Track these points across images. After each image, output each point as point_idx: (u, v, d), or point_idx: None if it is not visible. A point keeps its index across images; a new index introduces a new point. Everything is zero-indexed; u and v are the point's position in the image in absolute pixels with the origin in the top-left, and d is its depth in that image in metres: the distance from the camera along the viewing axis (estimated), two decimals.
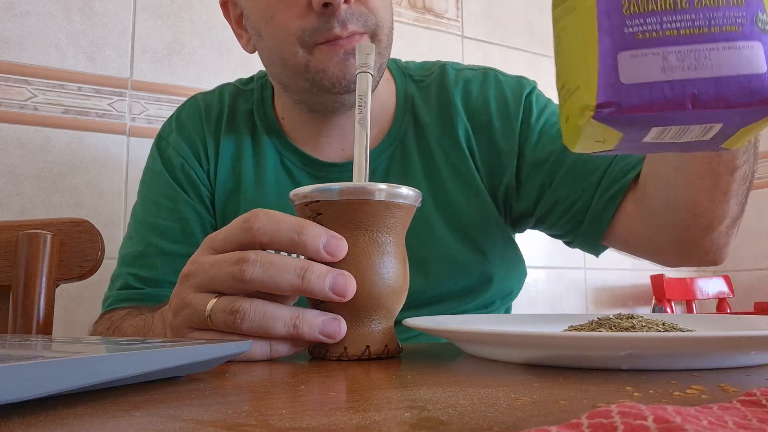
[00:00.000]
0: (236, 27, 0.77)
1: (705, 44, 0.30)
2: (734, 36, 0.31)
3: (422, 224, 0.71)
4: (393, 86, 0.79)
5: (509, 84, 0.77)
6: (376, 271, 0.41)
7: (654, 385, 0.29)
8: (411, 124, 0.76)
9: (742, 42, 0.31)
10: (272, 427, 0.20)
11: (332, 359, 0.42)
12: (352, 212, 0.41)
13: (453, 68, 0.80)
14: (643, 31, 0.31)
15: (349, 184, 0.41)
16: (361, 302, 0.41)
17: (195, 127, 0.78)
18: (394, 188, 0.42)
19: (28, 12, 1.15)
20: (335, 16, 0.63)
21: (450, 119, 0.75)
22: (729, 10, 0.31)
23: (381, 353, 0.42)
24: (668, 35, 0.31)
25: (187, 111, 0.81)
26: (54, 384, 0.22)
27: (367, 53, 0.49)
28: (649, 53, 0.31)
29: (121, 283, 0.73)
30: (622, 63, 0.31)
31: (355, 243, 0.41)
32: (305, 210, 0.43)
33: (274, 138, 0.77)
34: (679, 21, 0.31)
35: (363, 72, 0.49)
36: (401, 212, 0.43)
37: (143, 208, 0.77)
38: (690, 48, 0.31)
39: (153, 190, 0.77)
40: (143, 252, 0.73)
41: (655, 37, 0.31)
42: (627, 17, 0.31)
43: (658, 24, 0.31)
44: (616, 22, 0.31)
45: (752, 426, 0.18)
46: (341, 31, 0.63)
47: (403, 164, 0.74)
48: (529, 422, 0.21)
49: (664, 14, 0.31)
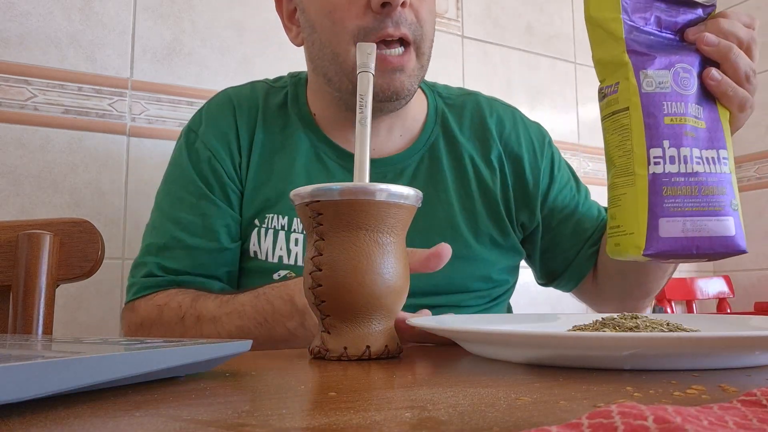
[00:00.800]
0: (287, 21, 0.82)
1: (705, 217, 0.54)
2: (719, 213, 0.54)
3: (447, 224, 0.79)
4: (424, 99, 0.86)
5: (532, 127, 0.88)
6: (376, 271, 0.41)
7: (654, 385, 0.28)
8: (441, 135, 0.83)
9: (723, 216, 0.54)
10: (272, 427, 0.20)
11: (332, 359, 0.41)
12: (352, 212, 0.41)
13: (484, 98, 0.89)
14: (674, 207, 0.54)
15: (350, 185, 0.41)
16: (362, 302, 0.41)
17: (226, 120, 0.80)
18: (394, 188, 0.42)
19: (28, 12, 1.15)
20: (390, 16, 0.68)
21: (486, 142, 0.84)
22: (717, 197, 0.54)
23: (381, 353, 0.42)
24: (687, 210, 0.54)
25: (217, 104, 0.82)
26: (54, 384, 0.22)
27: (368, 53, 0.49)
28: (675, 220, 0.54)
29: (146, 272, 0.75)
30: (661, 225, 0.54)
31: (355, 243, 0.41)
32: (306, 210, 0.42)
33: (309, 132, 0.80)
34: (693, 202, 0.54)
35: (364, 72, 0.49)
36: (402, 212, 0.43)
37: (168, 200, 0.78)
38: (697, 218, 0.54)
39: (178, 183, 0.78)
40: (167, 244, 0.75)
41: (679, 211, 0.54)
42: (665, 197, 0.54)
43: (681, 203, 0.54)
44: (659, 200, 0.54)
45: (753, 426, 0.18)
46: (394, 30, 0.69)
47: (432, 168, 0.81)
48: (529, 422, 0.21)
49: (685, 198, 0.54)
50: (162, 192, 0.80)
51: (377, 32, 0.69)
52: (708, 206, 0.54)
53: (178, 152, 0.81)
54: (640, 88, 0.56)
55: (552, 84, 1.86)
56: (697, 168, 0.55)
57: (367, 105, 0.47)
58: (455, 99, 0.88)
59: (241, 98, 0.82)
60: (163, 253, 0.75)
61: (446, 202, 0.79)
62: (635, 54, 0.56)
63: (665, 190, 0.54)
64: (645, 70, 0.56)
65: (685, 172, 0.54)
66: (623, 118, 0.57)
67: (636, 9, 0.58)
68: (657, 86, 0.56)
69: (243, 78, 1.31)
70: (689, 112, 0.56)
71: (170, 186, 0.79)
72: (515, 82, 1.79)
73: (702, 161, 0.55)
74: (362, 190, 0.41)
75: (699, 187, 0.54)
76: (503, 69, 1.78)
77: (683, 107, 0.55)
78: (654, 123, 0.55)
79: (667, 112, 0.55)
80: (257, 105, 0.81)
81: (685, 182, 0.54)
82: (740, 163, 2.09)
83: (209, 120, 0.80)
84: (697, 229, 0.54)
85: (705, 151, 0.56)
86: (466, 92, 0.90)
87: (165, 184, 0.81)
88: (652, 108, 0.55)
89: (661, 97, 0.55)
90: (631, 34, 0.57)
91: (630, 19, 0.58)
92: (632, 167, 0.55)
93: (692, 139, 0.55)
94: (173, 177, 0.80)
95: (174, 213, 0.76)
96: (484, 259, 0.80)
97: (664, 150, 0.55)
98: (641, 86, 0.56)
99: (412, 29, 0.70)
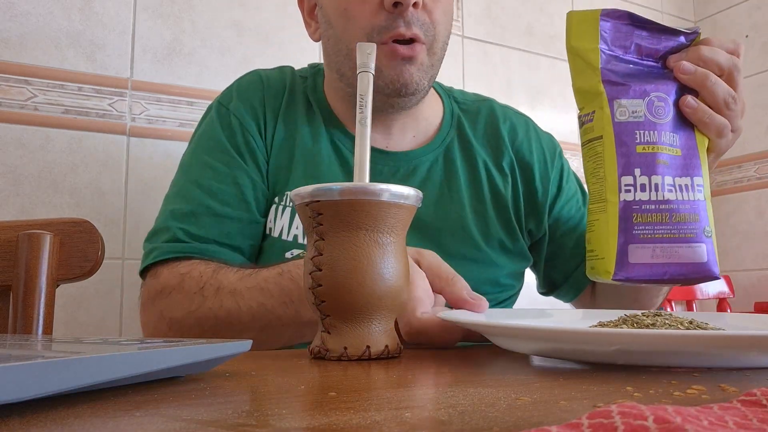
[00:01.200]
0: (307, 16, 0.84)
1: (675, 243, 0.55)
2: (691, 240, 0.55)
3: (458, 225, 0.79)
4: (440, 103, 0.88)
5: (544, 137, 0.90)
6: (376, 271, 0.41)
7: (654, 385, 0.28)
8: (456, 138, 0.85)
9: (695, 243, 0.55)
10: (272, 427, 0.20)
11: (332, 359, 0.41)
12: (352, 212, 0.41)
13: (498, 105, 0.91)
14: (643, 234, 0.55)
15: (350, 184, 0.41)
16: (362, 302, 0.41)
17: (256, 96, 0.81)
18: (394, 188, 0.42)
19: (28, 12, 1.15)
20: (402, 16, 0.70)
21: (498, 149, 0.85)
22: (689, 224, 0.55)
23: (381, 353, 0.42)
24: (657, 237, 0.55)
25: (248, 81, 0.84)
26: (54, 384, 0.22)
27: (368, 53, 0.49)
28: (645, 246, 0.55)
29: (169, 236, 0.72)
30: (631, 251, 0.55)
31: (355, 243, 0.41)
32: (306, 210, 0.42)
33: (327, 120, 0.81)
34: (663, 229, 0.55)
35: (363, 72, 0.49)
36: (402, 212, 0.43)
37: (198, 169, 0.77)
38: (667, 245, 0.55)
39: (210, 153, 0.78)
40: (194, 211, 0.73)
41: (649, 237, 0.55)
42: (635, 224, 0.55)
43: (652, 230, 0.55)
44: (629, 226, 0.55)
45: (753, 426, 0.18)
46: (405, 30, 0.70)
47: (447, 170, 0.82)
48: (529, 422, 0.21)
49: (656, 225, 0.55)
50: (189, 162, 0.79)
51: (389, 31, 0.70)
52: (679, 233, 0.55)
53: (209, 124, 0.81)
54: (614, 117, 0.57)
55: (552, 84, 1.86)
56: (668, 195, 0.56)
57: (367, 105, 0.47)
58: (470, 105, 0.89)
59: (271, 80, 0.83)
60: (189, 219, 0.73)
61: (459, 204, 0.80)
62: (610, 84, 0.58)
63: (635, 216, 0.55)
64: (619, 100, 0.57)
65: (656, 199, 0.56)
66: (598, 146, 0.58)
67: (616, 38, 0.59)
68: (630, 115, 0.57)
69: None
70: (662, 141, 0.57)
71: (200, 155, 0.78)
72: (515, 82, 1.79)
73: (674, 189, 0.56)
74: (362, 190, 0.41)
75: (670, 214, 0.55)
76: (503, 69, 1.78)
77: (656, 136, 0.57)
78: (626, 151, 0.56)
79: (639, 140, 0.56)
80: (284, 87, 0.82)
81: (656, 209, 0.55)
82: (740, 162, 2.10)
83: (241, 96, 0.81)
84: (667, 256, 0.55)
85: (678, 178, 0.57)
86: (481, 98, 0.92)
87: (193, 155, 0.80)
88: (624, 137, 0.56)
89: (634, 126, 0.57)
90: (608, 64, 0.59)
91: (609, 48, 0.59)
92: (604, 194, 0.57)
93: (665, 167, 0.56)
94: (204, 147, 0.79)
95: (204, 181, 0.75)
96: (493, 262, 0.80)
97: (635, 178, 0.56)
98: (614, 116, 0.57)
99: (424, 29, 0.72)
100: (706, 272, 0.56)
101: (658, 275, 0.55)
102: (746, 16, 2.11)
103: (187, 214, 0.73)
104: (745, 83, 2.19)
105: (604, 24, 0.59)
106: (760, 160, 2.08)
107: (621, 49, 0.59)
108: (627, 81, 0.58)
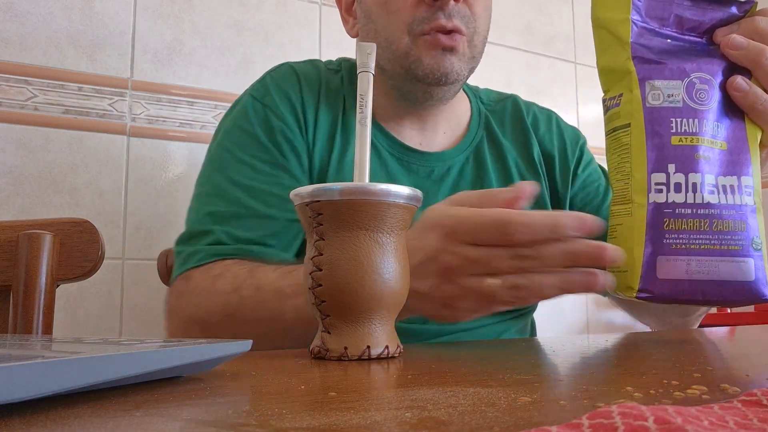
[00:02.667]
0: (344, 13, 0.84)
1: (716, 257, 0.45)
2: (736, 253, 0.45)
3: None
4: (467, 102, 0.87)
5: (568, 130, 0.89)
6: (377, 271, 0.41)
7: (655, 385, 0.28)
8: (485, 138, 0.84)
9: (741, 258, 0.45)
10: (272, 427, 0.20)
11: (333, 359, 0.41)
12: (352, 212, 0.41)
13: (522, 100, 0.90)
14: (677, 243, 0.45)
15: (350, 184, 0.41)
16: (362, 302, 0.41)
17: (293, 90, 0.78)
18: (394, 188, 0.42)
19: (29, 12, 1.15)
20: (443, 9, 0.70)
21: (527, 143, 0.84)
22: (733, 233, 0.45)
23: (381, 353, 0.42)
24: (692, 248, 0.45)
25: (282, 74, 0.80)
26: (54, 384, 0.22)
27: (368, 53, 0.49)
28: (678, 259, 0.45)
29: (213, 239, 0.68)
30: (659, 264, 0.45)
31: (355, 243, 0.41)
32: (306, 210, 0.42)
33: None
34: (702, 239, 0.45)
35: (364, 71, 0.48)
36: (402, 212, 0.43)
37: (236, 167, 0.73)
38: (706, 259, 0.45)
39: (248, 152, 0.74)
40: (236, 213, 0.70)
41: (683, 248, 0.45)
42: (666, 231, 0.45)
43: (687, 240, 0.45)
44: (660, 234, 0.46)
45: (753, 426, 0.18)
46: (446, 22, 0.70)
47: (478, 170, 0.81)
48: (529, 422, 0.21)
49: (692, 233, 0.45)
50: (222, 158, 0.75)
51: (430, 22, 0.71)
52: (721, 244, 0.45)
53: (244, 120, 0.76)
54: (645, 101, 0.47)
55: (552, 84, 1.86)
56: (709, 198, 0.46)
57: (367, 105, 0.47)
58: (495, 104, 0.89)
59: (306, 73, 0.80)
60: (232, 222, 0.69)
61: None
62: (642, 61, 0.48)
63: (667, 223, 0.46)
64: (652, 81, 0.48)
65: (693, 202, 0.46)
66: (624, 135, 0.49)
67: (652, 8, 0.50)
68: (665, 99, 0.47)
69: (243, 78, 1.31)
70: (704, 131, 0.47)
71: (236, 152, 0.74)
72: (515, 82, 1.79)
73: (717, 190, 0.46)
74: (362, 190, 0.41)
75: (710, 220, 0.45)
76: (503, 69, 1.78)
77: (696, 125, 0.47)
78: (659, 143, 0.47)
79: (675, 130, 0.47)
80: (319, 81, 0.80)
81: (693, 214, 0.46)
82: None
83: (276, 89, 0.77)
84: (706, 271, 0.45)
85: (722, 177, 0.47)
86: (505, 95, 0.92)
87: (228, 151, 0.75)
88: (657, 125, 0.47)
89: (669, 112, 0.47)
90: (641, 38, 0.49)
91: (642, 20, 0.49)
92: (630, 194, 0.47)
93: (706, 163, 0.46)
94: (239, 144, 0.74)
95: (245, 180, 0.72)
96: None
97: (669, 175, 0.46)
98: (646, 99, 0.47)
99: (465, 21, 0.72)
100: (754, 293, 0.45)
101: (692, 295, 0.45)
102: None
103: (229, 217, 0.70)
104: None
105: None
106: None
107: (657, 21, 0.50)
108: (663, 59, 0.48)
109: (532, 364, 0.39)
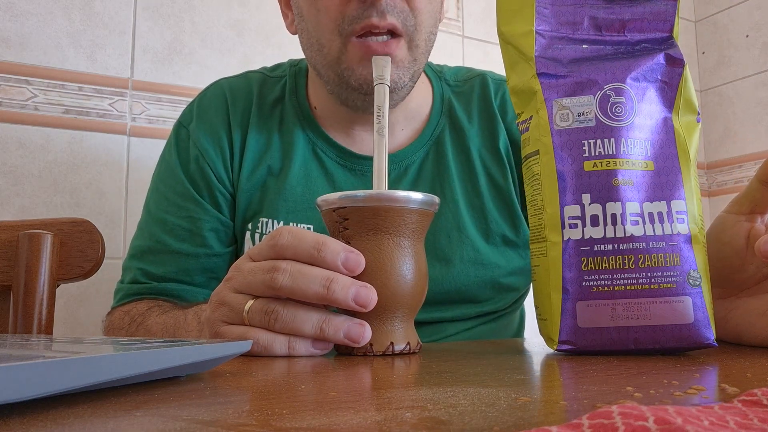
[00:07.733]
0: (284, 7, 0.77)
1: (645, 298, 0.39)
2: (669, 292, 0.39)
3: (453, 225, 0.73)
4: (429, 88, 0.79)
5: None
6: (399, 272, 0.44)
7: (655, 385, 0.28)
8: (448, 127, 0.77)
9: (675, 297, 0.39)
10: (272, 427, 0.20)
11: (358, 355, 0.44)
12: (376, 217, 0.44)
13: (493, 78, 0.80)
14: (597, 286, 0.39)
15: (374, 192, 0.44)
16: (386, 301, 0.44)
17: (219, 116, 0.75)
18: (415, 195, 0.45)
19: (29, 12, 1.15)
20: (375, 5, 0.62)
21: (493, 130, 0.76)
22: (666, 270, 0.39)
23: (403, 349, 0.45)
24: (617, 290, 0.39)
25: (211, 98, 0.77)
26: (54, 384, 0.22)
27: (383, 65, 0.52)
28: (601, 304, 0.39)
29: (131, 278, 0.73)
30: (580, 310, 0.40)
31: (379, 246, 0.44)
32: (332, 215, 0.45)
33: (306, 128, 0.74)
34: (626, 279, 0.39)
35: (380, 84, 0.51)
36: (422, 217, 0.45)
37: (155, 201, 0.74)
38: (633, 301, 0.39)
39: (165, 183, 0.74)
40: (151, 248, 0.72)
41: (606, 291, 0.39)
42: (585, 272, 0.40)
43: (609, 280, 0.39)
44: (576, 276, 0.40)
45: (754, 426, 0.18)
46: (379, 20, 0.62)
47: (438, 165, 0.75)
48: (530, 422, 0.21)
49: (614, 272, 0.39)
50: (150, 191, 0.76)
51: (361, 21, 0.62)
52: (650, 283, 0.39)
53: (168, 149, 0.76)
54: (552, 123, 0.42)
55: None
56: (632, 230, 0.39)
57: (384, 116, 0.50)
58: (463, 85, 0.80)
59: (236, 92, 0.76)
60: (147, 257, 0.72)
61: (452, 201, 0.73)
62: (547, 77, 0.43)
63: (585, 262, 0.40)
64: (559, 99, 0.42)
65: (614, 236, 0.39)
66: (534, 164, 0.43)
67: (560, 13, 0.44)
68: (575, 120, 0.41)
69: None
70: (624, 152, 0.40)
71: (158, 185, 0.75)
72: None
73: (642, 219, 0.40)
74: (386, 197, 0.44)
75: (636, 256, 0.39)
76: (503, 69, 1.77)
77: (613, 146, 0.40)
78: (570, 170, 0.41)
79: (589, 154, 0.41)
80: (251, 100, 0.76)
81: (615, 250, 0.39)
82: (740, 162, 2.10)
83: (201, 115, 0.75)
84: (635, 316, 0.39)
85: (649, 204, 0.40)
86: (476, 73, 0.81)
87: (153, 183, 0.76)
88: (567, 150, 0.41)
89: (580, 134, 0.41)
90: (547, 50, 0.43)
91: (552, 28, 0.44)
92: (544, 231, 0.42)
93: (628, 189, 0.40)
94: (161, 176, 0.75)
95: (160, 214, 0.72)
96: (495, 263, 0.73)
97: (584, 207, 0.40)
98: (553, 121, 0.42)
99: (401, 18, 0.63)
100: (693, 338, 0.39)
101: (622, 344, 0.39)
102: (746, 16, 2.10)
103: (146, 252, 0.72)
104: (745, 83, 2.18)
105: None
106: (760, 160, 2.08)
107: (570, 26, 0.44)
108: (573, 71, 0.42)
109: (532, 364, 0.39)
